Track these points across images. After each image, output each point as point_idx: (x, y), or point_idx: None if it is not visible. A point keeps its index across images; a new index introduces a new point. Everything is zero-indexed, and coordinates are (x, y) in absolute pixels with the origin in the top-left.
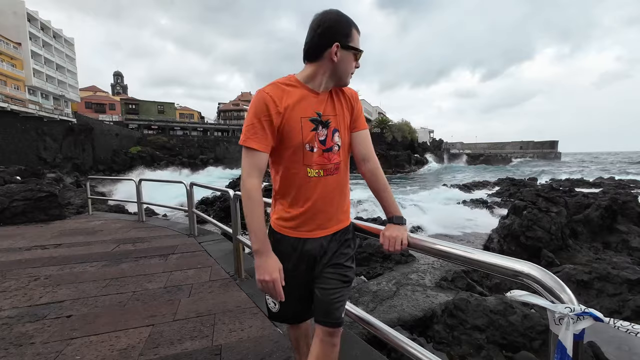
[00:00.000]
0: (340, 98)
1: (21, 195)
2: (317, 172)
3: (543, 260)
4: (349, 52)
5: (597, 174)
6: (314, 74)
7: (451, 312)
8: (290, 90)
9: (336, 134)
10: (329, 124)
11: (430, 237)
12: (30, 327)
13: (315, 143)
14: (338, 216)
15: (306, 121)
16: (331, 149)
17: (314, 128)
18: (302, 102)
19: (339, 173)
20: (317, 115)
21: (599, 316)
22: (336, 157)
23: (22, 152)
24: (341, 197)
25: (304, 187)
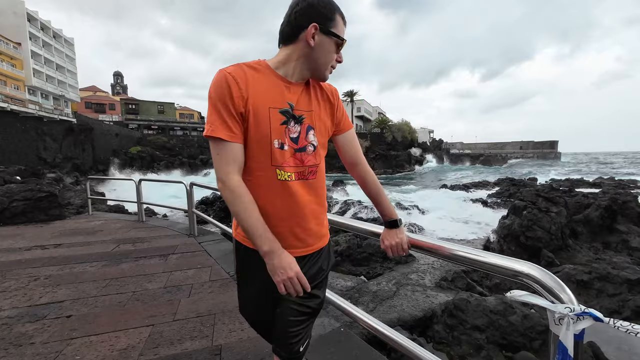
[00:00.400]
0: (317, 94)
1: (21, 195)
2: (288, 176)
3: (543, 260)
4: (329, 38)
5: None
6: (286, 59)
7: (451, 312)
8: (256, 75)
9: (311, 132)
10: (303, 120)
11: (430, 238)
12: (30, 327)
13: (286, 140)
14: (316, 232)
15: (275, 112)
16: (304, 149)
17: (285, 121)
18: (270, 89)
19: (315, 178)
20: (288, 106)
21: (598, 316)
22: (311, 159)
23: (22, 152)
24: (319, 207)
25: (273, 194)
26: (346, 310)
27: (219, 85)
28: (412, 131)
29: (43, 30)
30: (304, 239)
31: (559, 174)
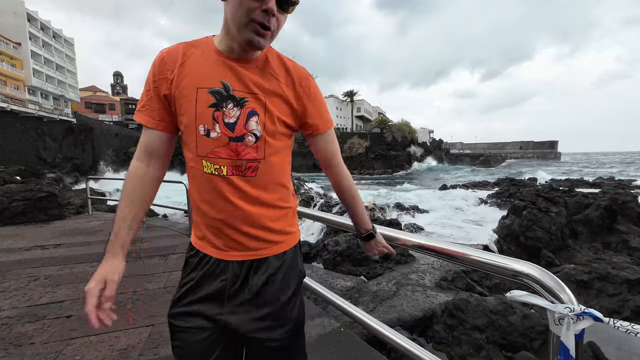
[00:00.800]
0: (277, 75)
1: (21, 196)
2: (216, 169)
3: (543, 260)
4: None
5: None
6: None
7: (451, 312)
8: (195, 52)
9: (253, 118)
10: (245, 103)
11: (430, 238)
12: (29, 327)
13: (217, 126)
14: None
15: (204, 92)
16: (242, 138)
17: (214, 104)
18: (205, 66)
19: (256, 176)
20: (222, 85)
21: (598, 316)
22: (250, 152)
23: (21, 152)
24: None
25: (202, 189)
26: (346, 310)
27: (151, 68)
28: (412, 131)
29: (43, 30)
30: (242, 242)
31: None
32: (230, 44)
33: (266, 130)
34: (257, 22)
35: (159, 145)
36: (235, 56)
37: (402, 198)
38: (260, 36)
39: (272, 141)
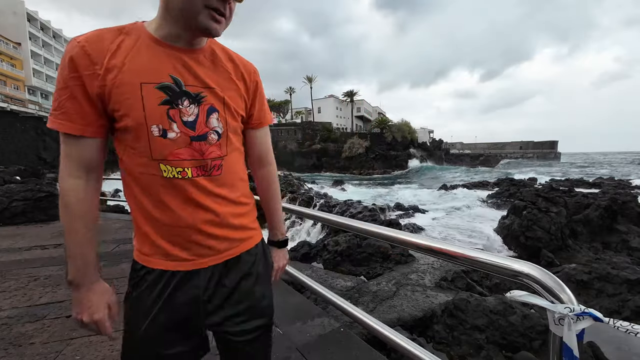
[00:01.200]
0: (226, 66)
1: (21, 195)
2: (179, 172)
3: (543, 260)
4: None
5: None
6: (158, 16)
7: (451, 312)
8: (126, 40)
9: (214, 115)
10: (203, 99)
11: (429, 238)
12: (29, 327)
13: (174, 125)
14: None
15: (150, 89)
16: (205, 137)
17: (167, 100)
18: (144, 58)
19: (221, 174)
20: (171, 80)
21: (598, 316)
22: (214, 150)
23: (21, 152)
24: (232, 207)
25: (160, 196)
26: (346, 310)
27: (65, 62)
28: (412, 131)
29: (43, 30)
30: (214, 246)
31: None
32: (173, 31)
33: (228, 126)
34: (213, 7)
35: (89, 154)
36: (181, 45)
37: (402, 198)
38: (217, 22)
39: (233, 137)
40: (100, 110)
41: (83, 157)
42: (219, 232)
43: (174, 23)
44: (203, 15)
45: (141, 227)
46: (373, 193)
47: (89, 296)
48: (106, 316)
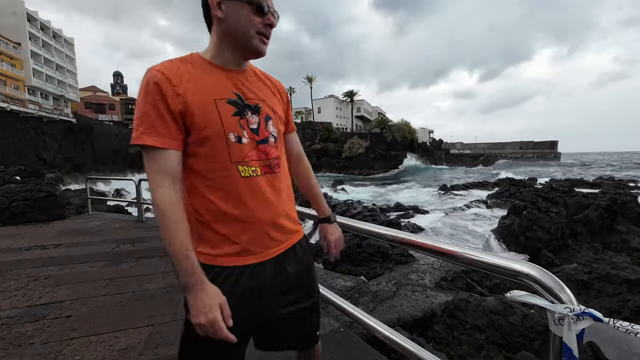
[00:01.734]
0: (266, 83)
1: (21, 196)
2: (253, 171)
3: (543, 260)
4: (238, 1)
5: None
6: (213, 45)
7: (451, 312)
8: (191, 68)
9: (270, 122)
10: (260, 109)
11: (430, 237)
12: (29, 327)
13: (245, 132)
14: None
15: (223, 103)
16: (266, 140)
17: (237, 112)
18: (210, 80)
19: (280, 171)
20: (236, 96)
21: (598, 316)
22: (274, 151)
23: (21, 152)
24: (289, 201)
25: (239, 194)
26: (346, 310)
27: (149, 86)
28: (412, 131)
29: (43, 30)
30: (278, 237)
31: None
32: (228, 56)
33: (279, 131)
34: (261, 32)
35: (174, 164)
36: (233, 68)
37: (402, 198)
38: (265, 44)
39: (281, 140)
40: (181, 125)
41: (169, 168)
42: (284, 224)
43: (230, 50)
44: (255, 39)
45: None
46: (373, 193)
47: (202, 297)
48: (220, 316)
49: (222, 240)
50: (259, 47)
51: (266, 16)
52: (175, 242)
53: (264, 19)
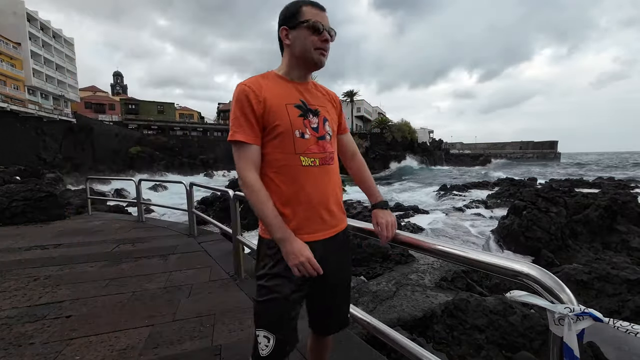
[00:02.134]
0: (324, 94)
1: (21, 196)
2: (312, 161)
3: (543, 260)
4: (299, 29)
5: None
6: (285, 65)
7: (451, 312)
8: (268, 82)
9: (327, 123)
10: (319, 113)
11: (429, 238)
12: (29, 327)
13: (307, 130)
14: (337, 214)
15: (291, 107)
16: (324, 137)
17: (301, 114)
18: (282, 90)
19: (334, 164)
20: (301, 102)
21: (598, 316)
22: (329, 146)
23: (21, 152)
24: (340, 191)
25: (299, 179)
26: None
27: (239, 97)
28: (412, 131)
29: (43, 30)
30: (328, 221)
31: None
32: (295, 72)
33: (333, 130)
34: (319, 47)
35: (257, 156)
36: (297, 81)
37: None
38: (323, 57)
39: (335, 138)
40: (261, 126)
41: (253, 158)
42: (333, 210)
43: (298, 67)
44: (315, 54)
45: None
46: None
47: (296, 244)
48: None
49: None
50: (319, 60)
51: (322, 34)
52: (268, 209)
53: (320, 37)
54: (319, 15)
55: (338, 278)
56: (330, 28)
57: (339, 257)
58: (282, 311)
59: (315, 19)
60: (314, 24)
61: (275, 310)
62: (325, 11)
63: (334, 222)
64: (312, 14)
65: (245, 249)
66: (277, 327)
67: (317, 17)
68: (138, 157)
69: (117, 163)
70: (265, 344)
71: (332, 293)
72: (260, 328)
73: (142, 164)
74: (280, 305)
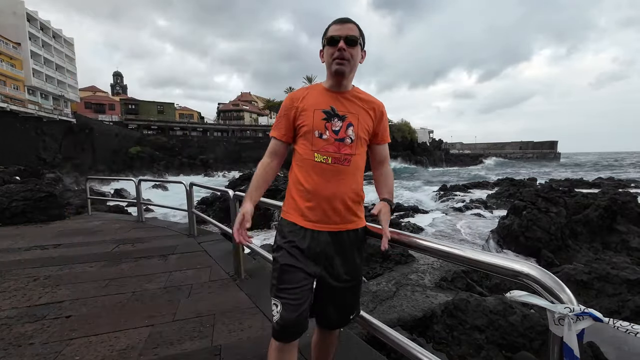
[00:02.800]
0: (363, 104)
1: (20, 196)
2: (324, 159)
3: (542, 260)
4: (326, 47)
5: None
6: (326, 77)
7: (451, 312)
8: (312, 91)
9: (350, 128)
10: (345, 118)
11: (430, 238)
12: (29, 327)
13: (327, 132)
14: (344, 214)
15: (319, 112)
16: (343, 139)
17: (325, 118)
18: (319, 97)
19: (349, 165)
20: (330, 108)
21: (598, 316)
22: (347, 149)
23: (21, 152)
24: (350, 192)
25: (312, 173)
26: None
27: (284, 102)
28: (412, 131)
29: (43, 31)
30: (333, 217)
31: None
32: (330, 82)
33: (357, 135)
34: (335, 57)
35: (280, 150)
36: (335, 90)
37: (402, 198)
38: (340, 65)
39: (361, 144)
40: (293, 126)
41: (277, 150)
42: (340, 208)
43: (329, 78)
44: (333, 64)
45: (293, 195)
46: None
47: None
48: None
49: (294, 204)
50: (336, 69)
51: (338, 45)
52: (252, 182)
53: (336, 48)
54: (337, 29)
55: (342, 274)
56: (352, 35)
57: (345, 255)
58: (285, 278)
59: (332, 34)
60: (330, 38)
61: (278, 276)
62: (347, 23)
63: (338, 219)
64: (332, 30)
65: (245, 249)
66: (280, 292)
67: (335, 31)
68: (138, 157)
69: (117, 163)
70: (276, 310)
71: (333, 288)
72: (272, 297)
73: (142, 164)
74: (283, 272)
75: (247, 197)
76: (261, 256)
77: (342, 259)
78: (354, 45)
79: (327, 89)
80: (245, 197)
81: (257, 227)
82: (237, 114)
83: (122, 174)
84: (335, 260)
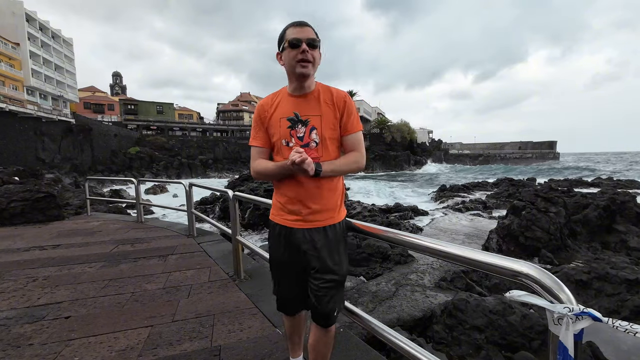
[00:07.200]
0: (327, 100)
1: (19, 196)
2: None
3: (542, 260)
4: (284, 50)
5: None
6: (288, 82)
7: (450, 312)
8: (277, 98)
9: (314, 131)
10: (308, 123)
11: (429, 238)
12: (28, 328)
13: (293, 139)
14: (317, 211)
15: (284, 120)
16: (308, 144)
17: (290, 126)
18: (283, 105)
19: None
20: (294, 115)
21: (597, 316)
22: (313, 153)
23: (20, 152)
24: (319, 191)
25: (285, 178)
26: (346, 310)
27: (255, 112)
28: (411, 131)
29: (42, 31)
30: (306, 215)
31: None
32: (293, 87)
33: (322, 137)
34: (299, 60)
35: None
36: (298, 94)
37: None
38: (305, 68)
39: (329, 144)
40: (267, 134)
41: (260, 154)
42: (312, 207)
43: (291, 81)
44: (297, 66)
45: (275, 196)
46: (373, 193)
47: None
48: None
49: (277, 205)
50: (300, 71)
51: (300, 47)
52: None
53: (298, 50)
54: (297, 32)
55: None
56: (312, 38)
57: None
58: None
59: (293, 36)
60: (291, 41)
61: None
62: (306, 26)
63: (313, 217)
64: (292, 33)
65: (244, 249)
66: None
67: (296, 34)
68: (137, 157)
69: (116, 163)
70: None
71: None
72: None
73: (141, 164)
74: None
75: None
76: (260, 256)
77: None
78: (315, 47)
79: (291, 94)
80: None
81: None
82: (237, 114)
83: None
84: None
